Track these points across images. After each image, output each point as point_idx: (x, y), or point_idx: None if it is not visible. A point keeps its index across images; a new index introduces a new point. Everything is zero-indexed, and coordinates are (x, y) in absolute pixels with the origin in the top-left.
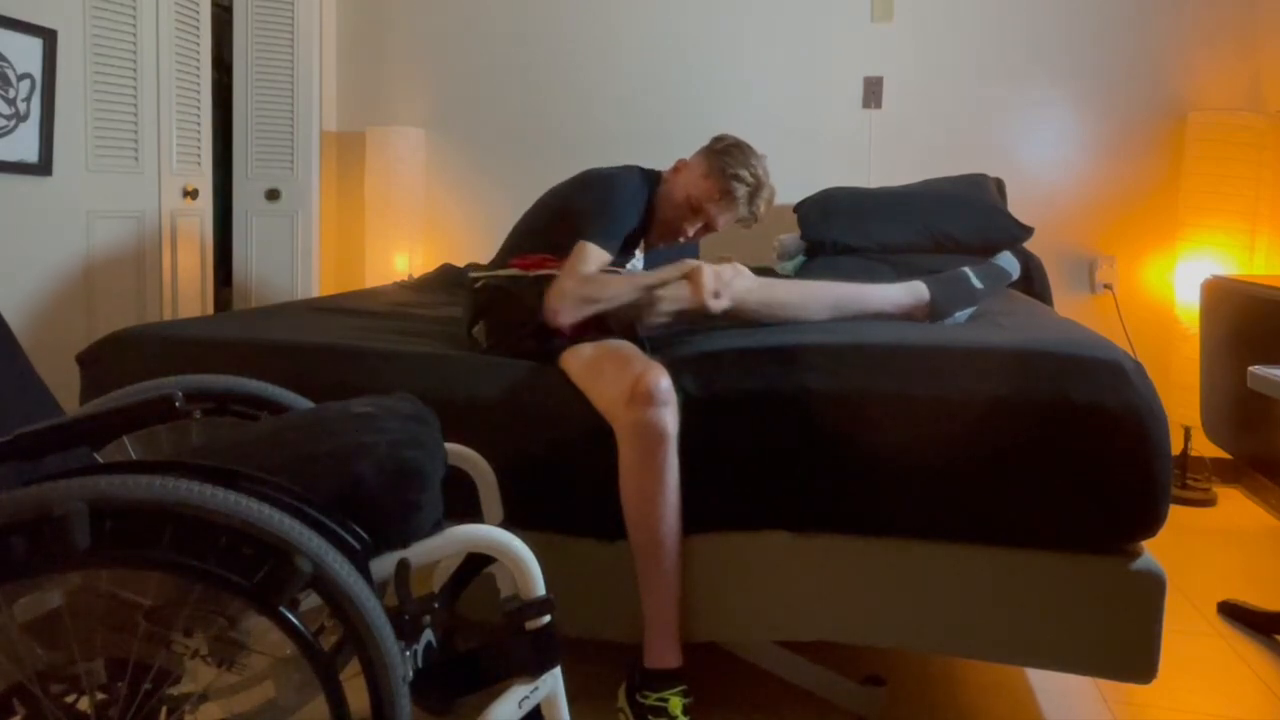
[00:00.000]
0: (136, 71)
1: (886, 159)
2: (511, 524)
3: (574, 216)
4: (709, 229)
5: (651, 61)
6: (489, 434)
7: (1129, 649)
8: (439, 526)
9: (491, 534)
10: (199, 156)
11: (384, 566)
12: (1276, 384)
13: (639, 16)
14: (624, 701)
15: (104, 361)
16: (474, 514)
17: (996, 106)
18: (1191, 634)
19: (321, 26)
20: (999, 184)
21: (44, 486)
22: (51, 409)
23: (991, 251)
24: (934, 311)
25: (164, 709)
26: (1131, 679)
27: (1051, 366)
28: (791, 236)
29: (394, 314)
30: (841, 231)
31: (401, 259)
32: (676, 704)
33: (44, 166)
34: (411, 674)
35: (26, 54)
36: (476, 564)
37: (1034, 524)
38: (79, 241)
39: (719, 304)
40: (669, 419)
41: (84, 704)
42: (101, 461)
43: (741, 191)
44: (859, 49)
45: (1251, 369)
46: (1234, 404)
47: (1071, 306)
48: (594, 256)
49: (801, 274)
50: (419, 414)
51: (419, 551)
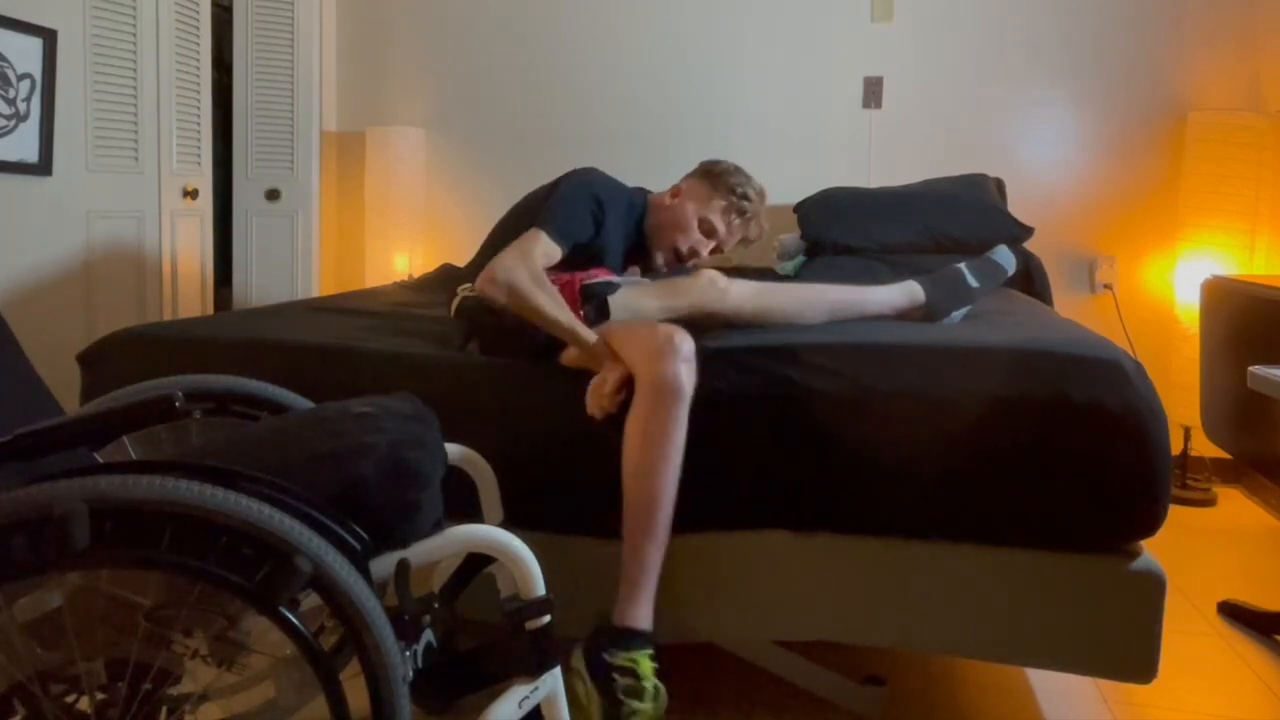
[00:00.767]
0: (136, 71)
1: (886, 159)
2: (511, 524)
3: (539, 208)
4: (719, 250)
5: (651, 61)
6: (489, 434)
7: (1129, 649)
8: (439, 526)
9: (491, 534)
10: (199, 156)
11: (384, 566)
12: (1276, 384)
13: (639, 16)
14: (580, 661)
15: (104, 361)
16: (474, 514)
17: (996, 106)
18: (1191, 634)
19: (321, 26)
20: (999, 184)
21: (44, 486)
22: (51, 409)
23: None
24: (929, 313)
25: (164, 709)
26: (1131, 679)
27: (1051, 366)
28: (791, 236)
29: (394, 314)
30: (841, 231)
31: (401, 259)
32: (646, 665)
33: (44, 166)
34: (411, 674)
35: (26, 54)
36: (476, 564)
37: (1034, 524)
38: (79, 241)
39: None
40: (686, 376)
41: (84, 704)
42: (101, 461)
43: (752, 210)
44: (859, 49)
45: (1251, 369)
46: (1234, 404)
47: (1071, 306)
48: (543, 245)
49: (801, 274)
50: (419, 414)
51: (419, 551)
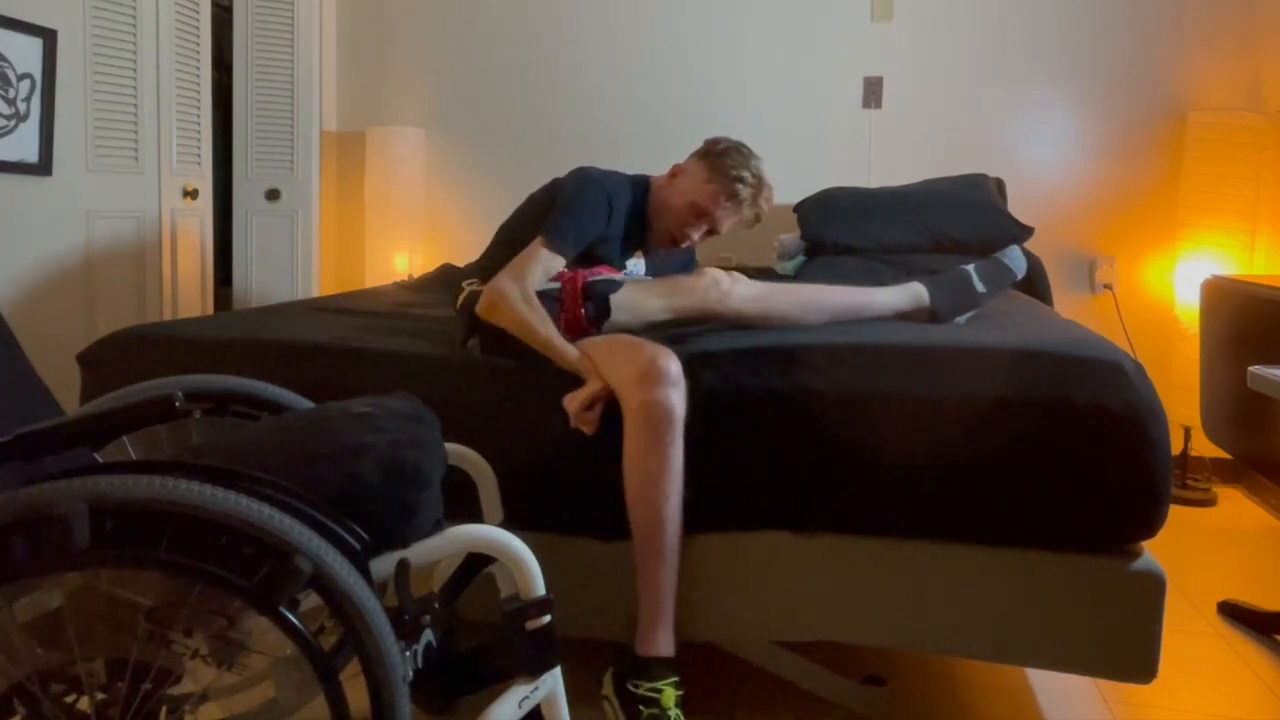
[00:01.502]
0: (136, 71)
1: (886, 159)
2: (511, 524)
3: (542, 212)
4: (713, 233)
5: (651, 61)
6: (489, 434)
7: (1129, 649)
8: (439, 526)
9: (491, 534)
10: (199, 156)
11: (384, 566)
12: (1276, 384)
13: (639, 16)
14: (610, 689)
15: (104, 361)
16: (474, 514)
17: (996, 106)
18: (1191, 634)
19: (321, 26)
20: (999, 184)
21: (44, 486)
22: (51, 409)
23: (991, 251)
24: (934, 317)
25: (164, 709)
26: (1131, 679)
27: (1051, 366)
28: (791, 236)
29: (394, 314)
30: (841, 231)
31: (401, 259)
32: (670, 695)
33: (44, 166)
34: (411, 674)
35: (26, 54)
36: (476, 564)
37: (1034, 524)
38: (79, 241)
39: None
40: (677, 401)
41: (84, 704)
42: (101, 461)
43: (746, 193)
44: (859, 49)
45: (1251, 369)
46: (1234, 404)
47: (1071, 306)
48: (544, 260)
49: (801, 274)
50: (419, 414)
51: (419, 551)
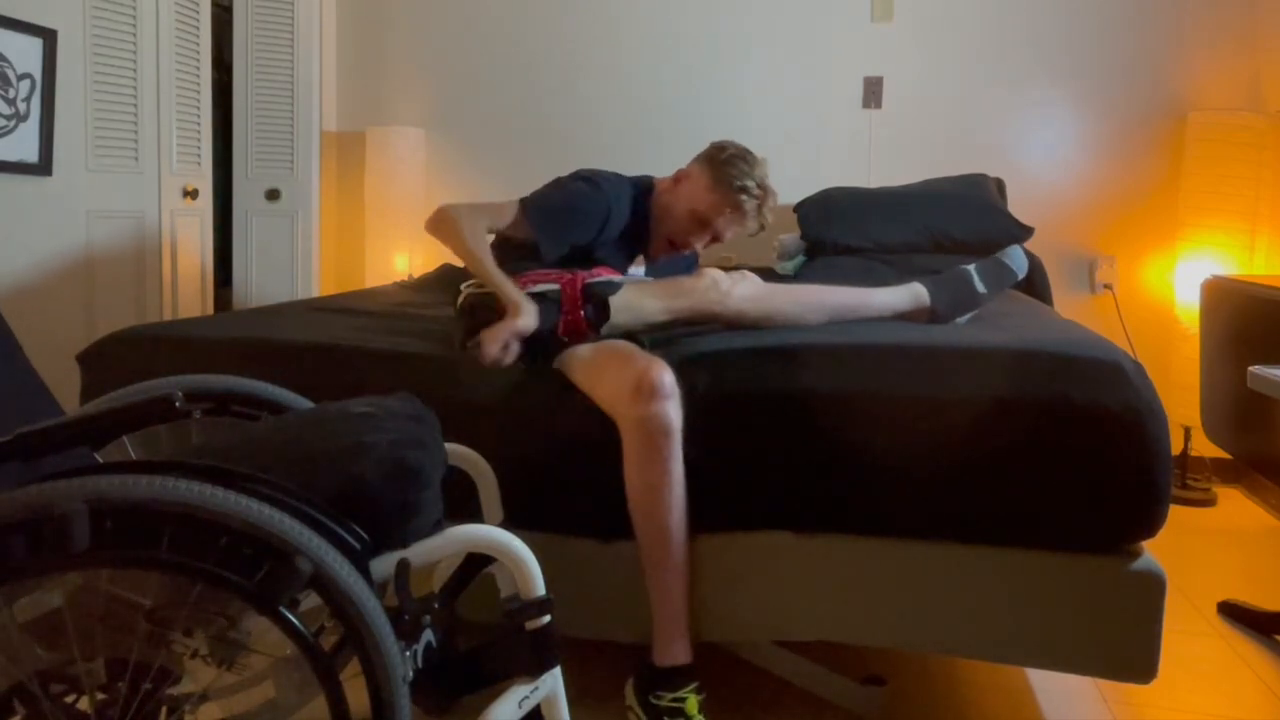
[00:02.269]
0: (136, 71)
1: (886, 159)
2: (511, 524)
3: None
4: (715, 240)
5: (651, 61)
6: (488, 434)
7: (1129, 649)
8: (439, 526)
9: (491, 534)
10: (199, 156)
11: (384, 566)
12: (1276, 384)
13: (639, 16)
14: (634, 700)
15: (104, 361)
16: (474, 514)
17: (996, 106)
18: (1191, 634)
19: (321, 26)
20: (999, 184)
21: (44, 486)
22: (51, 409)
23: (991, 251)
24: (934, 318)
25: (164, 709)
26: (1131, 679)
27: (1051, 367)
28: (791, 236)
29: (394, 314)
30: (841, 231)
31: (401, 259)
32: (693, 703)
33: (44, 166)
34: (411, 674)
35: (26, 54)
36: (476, 564)
37: (1034, 524)
38: (79, 241)
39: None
40: (673, 413)
41: (84, 704)
42: (101, 461)
43: (750, 204)
44: (859, 49)
45: (1251, 369)
46: (1234, 404)
47: (1071, 306)
48: (508, 214)
49: (801, 274)
50: (419, 414)
51: (419, 551)
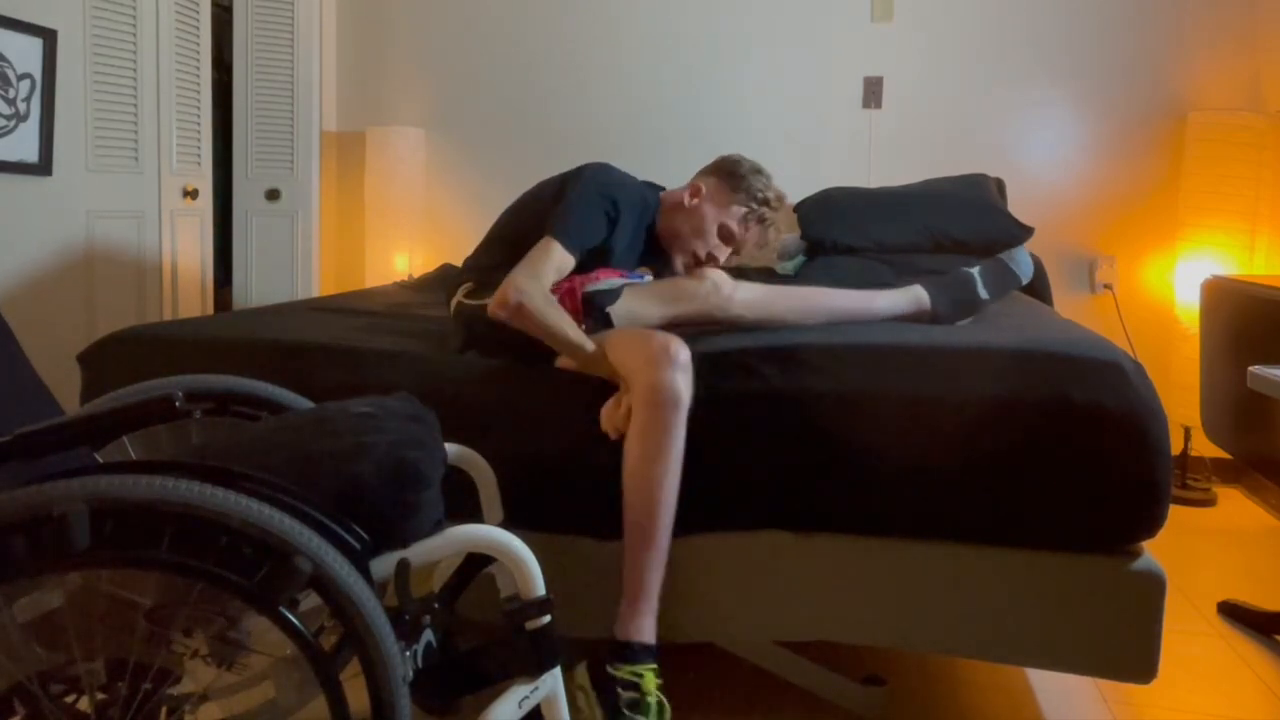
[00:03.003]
0: (136, 71)
1: (886, 159)
2: (511, 524)
3: (549, 208)
4: (736, 253)
5: (652, 61)
6: (489, 434)
7: (1129, 649)
8: (439, 526)
9: (491, 534)
10: (199, 156)
11: (384, 566)
12: (1276, 384)
13: (639, 16)
14: (585, 680)
15: (104, 361)
16: (474, 514)
17: (996, 106)
18: (1191, 634)
19: (321, 26)
20: (999, 184)
21: (44, 486)
22: (51, 409)
23: (991, 252)
24: (935, 321)
25: (164, 709)
26: (1131, 679)
27: (1051, 367)
28: (791, 236)
29: (394, 314)
30: (841, 231)
31: (401, 259)
32: (650, 680)
33: (44, 166)
34: (411, 674)
35: (26, 54)
36: (476, 564)
37: (1034, 524)
38: (79, 241)
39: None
40: (683, 384)
41: (84, 704)
42: (101, 461)
43: (772, 217)
44: (859, 49)
45: (1251, 369)
46: (1234, 404)
47: (1071, 306)
48: (557, 256)
49: (801, 274)
50: (419, 414)
51: (419, 551)
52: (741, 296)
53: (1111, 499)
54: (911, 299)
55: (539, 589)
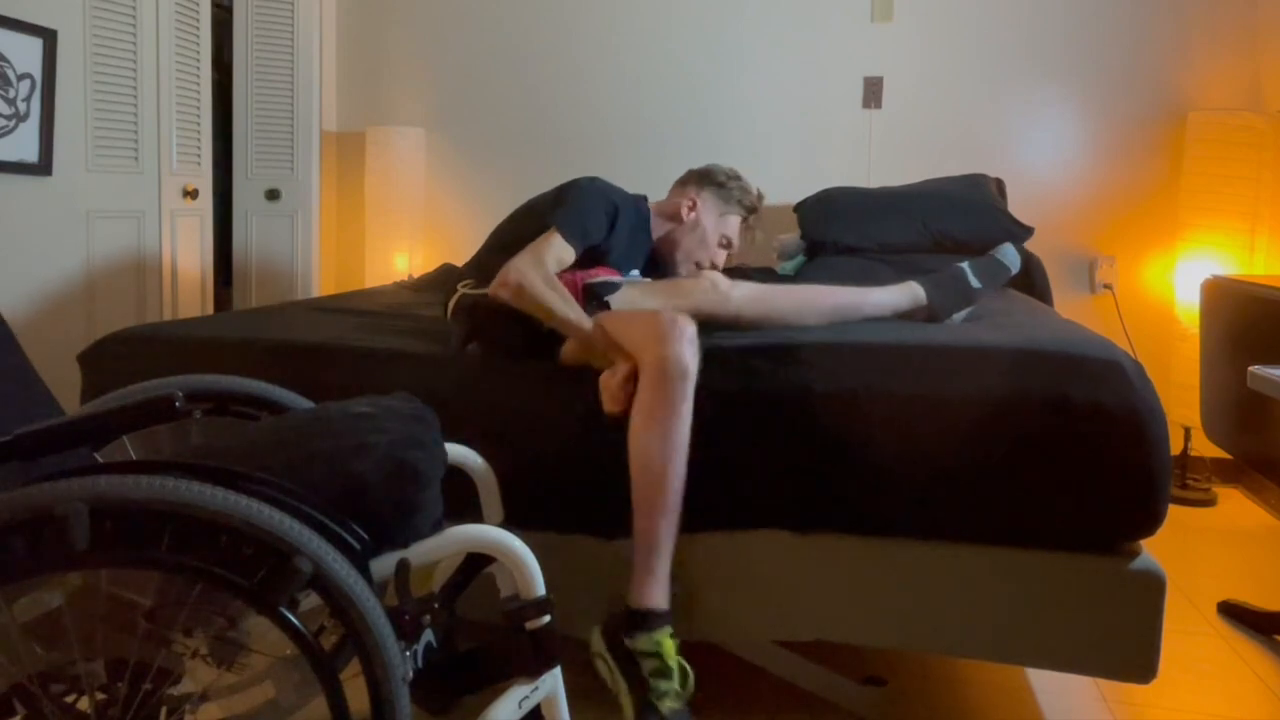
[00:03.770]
0: (136, 71)
1: (886, 159)
2: (511, 524)
3: (547, 213)
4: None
5: (652, 61)
6: (489, 434)
7: (1129, 649)
8: (439, 526)
9: (491, 534)
10: (199, 156)
11: (384, 566)
12: (1276, 384)
13: (639, 16)
14: (601, 646)
15: (104, 361)
16: (474, 514)
17: (996, 106)
18: (1191, 634)
19: (321, 26)
20: (999, 184)
21: (44, 486)
22: (51, 409)
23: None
24: (931, 315)
25: (164, 709)
26: (1131, 679)
27: (1051, 366)
28: (791, 236)
29: (394, 314)
30: (841, 231)
31: (401, 259)
32: (669, 646)
33: (44, 166)
34: (411, 674)
35: (26, 54)
36: (476, 564)
37: (1034, 524)
38: (79, 241)
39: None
40: (690, 358)
41: (84, 704)
42: (101, 461)
43: (755, 219)
44: (859, 49)
45: (1251, 369)
46: (1234, 404)
47: (1071, 306)
48: (559, 247)
49: (801, 274)
50: (419, 414)
51: (419, 551)
52: (739, 294)
53: (1111, 499)
54: (907, 294)
55: (539, 589)
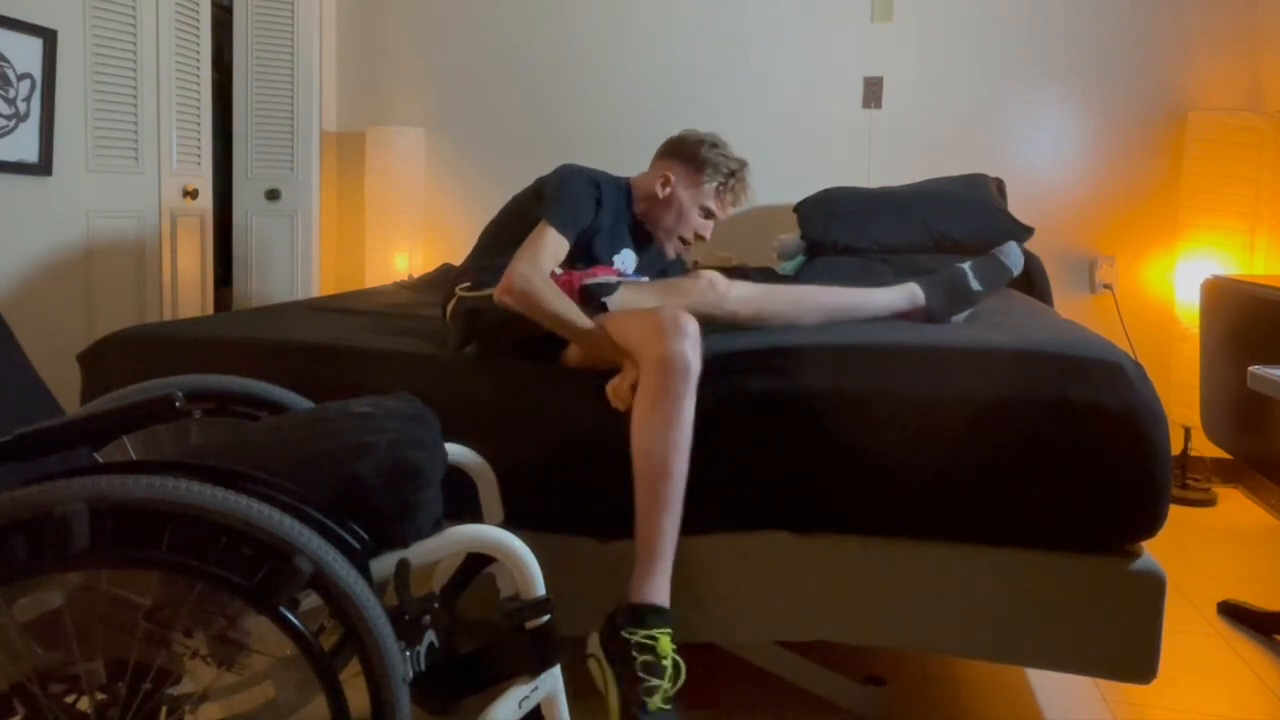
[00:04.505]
0: (136, 71)
1: (886, 159)
2: (511, 524)
3: (531, 206)
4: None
5: (652, 61)
6: (489, 434)
7: (1129, 649)
8: (439, 526)
9: (491, 534)
10: (199, 156)
11: (384, 566)
12: (1276, 384)
13: (640, 16)
14: (597, 648)
15: (104, 361)
16: (474, 514)
17: (996, 106)
18: (1191, 634)
19: (321, 26)
20: (999, 184)
21: (44, 486)
22: (51, 409)
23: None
24: (930, 317)
25: (164, 709)
26: (1131, 679)
27: (1051, 367)
28: (791, 236)
29: (394, 314)
30: (841, 231)
31: (401, 259)
32: (666, 643)
33: (44, 166)
34: (412, 674)
35: (26, 54)
36: (476, 564)
37: (1034, 524)
38: (79, 241)
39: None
40: (692, 354)
41: (84, 704)
42: (101, 461)
43: (739, 182)
44: (859, 49)
45: (1251, 369)
46: (1234, 404)
47: (1071, 306)
48: (553, 241)
49: (801, 274)
50: (419, 414)
51: (419, 551)
52: (737, 293)
53: (1111, 499)
54: (906, 295)
55: (539, 589)
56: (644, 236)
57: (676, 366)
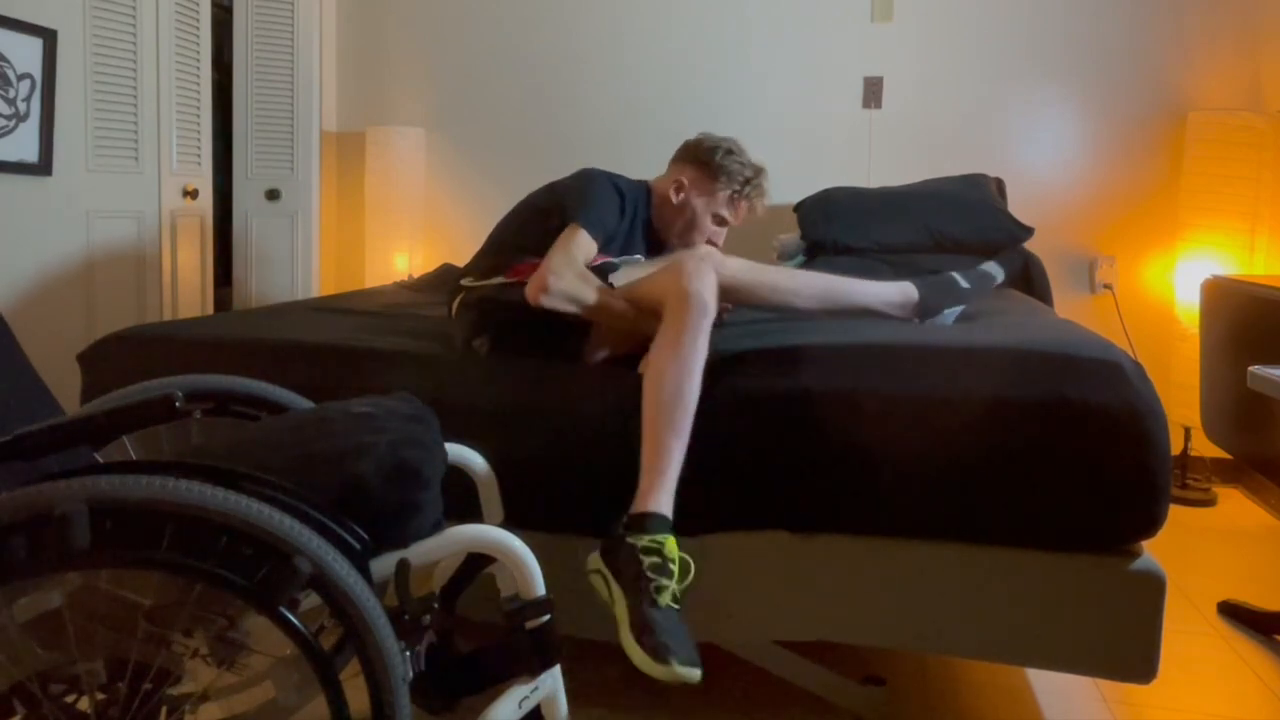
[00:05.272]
0: (136, 71)
1: (886, 159)
2: (511, 524)
3: (561, 205)
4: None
5: (652, 61)
6: (489, 434)
7: (1129, 649)
8: (439, 526)
9: (491, 534)
10: (199, 156)
11: (384, 566)
12: (1276, 384)
13: (640, 16)
14: (599, 563)
15: (104, 361)
16: (474, 514)
17: (996, 106)
18: (1191, 634)
19: (321, 26)
20: (999, 184)
21: (44, 486)
22: (51, 409)
23: (992, 252)
24: (922, 309)
25: (164, 709)
26: (1131, 679)
27: (1051, 366)
28: (791, 236)
29: (394, 314)
30: (841, 231)
31: (401, 259)
32: (672, 544)
33: (44, 166)
34: (412, 674)
35: (26, 54)
36: (476, 564)
37: (1034, 524)
38: (79, 241)
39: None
40: (709, 297)
41: (84, 704)
42: (102, 461)
43: (755, 190)
44: (859, 49)
45: (1251, 369)
46: (1234, 404)
47: (1071, 306)
48: (585, 242)
49: None
50: (419, 414)
51: (419, 551)
52: (733, 263)
53: (1111, 499)
54: (899, 288)
55: (539, 589)
56: (658, 240)
57: (695, 303)
